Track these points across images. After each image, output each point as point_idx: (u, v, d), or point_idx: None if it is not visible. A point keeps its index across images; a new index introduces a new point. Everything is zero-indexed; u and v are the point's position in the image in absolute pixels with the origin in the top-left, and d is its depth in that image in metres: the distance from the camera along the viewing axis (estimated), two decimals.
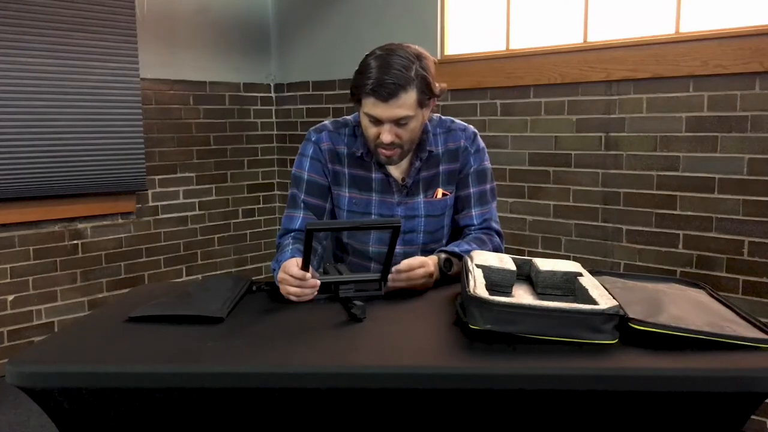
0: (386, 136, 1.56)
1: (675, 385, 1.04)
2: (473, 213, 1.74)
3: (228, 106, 4.00)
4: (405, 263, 1.49)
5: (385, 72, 1.50)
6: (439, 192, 1.72)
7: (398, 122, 1.55)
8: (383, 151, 1.61)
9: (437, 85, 1.59)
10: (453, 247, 1.63)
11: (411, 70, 1.52)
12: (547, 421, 1.10)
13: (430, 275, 1.51)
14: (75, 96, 3.23)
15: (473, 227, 1.74)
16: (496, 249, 1.70)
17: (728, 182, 2.50)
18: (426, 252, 1.70)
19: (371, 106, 1.54)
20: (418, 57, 1.55)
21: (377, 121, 1.56)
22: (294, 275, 1.40)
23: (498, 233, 1.75)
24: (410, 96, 1.52)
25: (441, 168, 1.72)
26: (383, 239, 1.69)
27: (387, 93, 1.50)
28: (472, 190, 1.74)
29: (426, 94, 1.56)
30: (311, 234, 1.32)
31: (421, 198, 1.71)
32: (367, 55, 1.58)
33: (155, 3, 3.59)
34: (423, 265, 1.50)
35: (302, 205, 1.71)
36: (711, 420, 1.10)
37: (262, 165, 4.20)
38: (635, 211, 2.76)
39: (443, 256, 1.60)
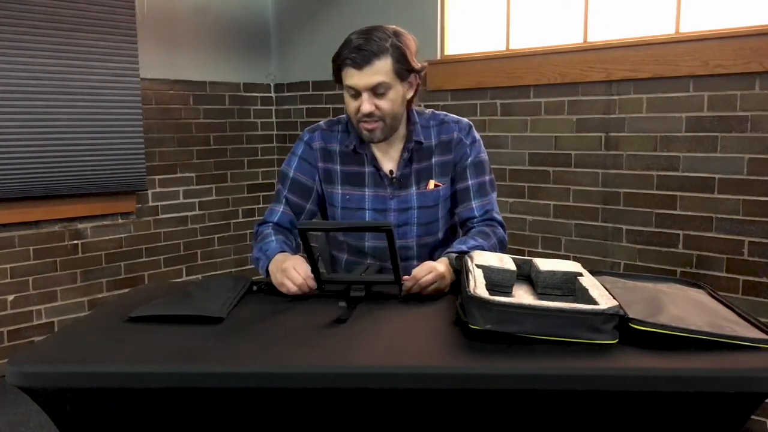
0: (365, 106, 1.58)
1: (675, 385, 1.04)
2: (474, 205, 1.73)
3: (228, 106, 4.00)
4: (413, 274, 1.47)
5: (361, 44, 1.57)
6: (431, 183, 1.72)
7: (375, 91, 1.58)
8: (364, 125, 1.62)
9: (417, 62, 1.63)
10: (460, 246, 1.61)
11: (386, 41, 1.57)
12: (547, 421, 1.10)
13: (442, 277, 1.49)
14: (75, 96, 3.23)
15: (475, 219, 1.73)
16: (501, 240, 1.69)
17: (728, 182, 2.50)
18: (421, 246, 1.71)
19: (349, 77, 1.59)
20: (396, 33, 1.61)
21: (356, 94, 1.60)
22: (304, 275, 1.43)
23: (501, 224, 1.73)
24: (385, 64, 1.57)
25: (434, 160, 1.72)
26: (378, 234, 1.70)
27: (361, 60, 1.55)
28: (470, 182, 1.73)
29: (402, 64, 1.59)
30: (305, 234, 1.33)
31: (413, 190, 1.71)
32: (350, 33, 1.63)
33: (155, 3, 3.59)
34: (431, 270, 1.48)
35: (284, 200, 1.74)
36: (711, 420, 1.10)
37: (262, 165, 4.21)
38: (635, 211, 2.76)
39: (453, 255, 1.57)
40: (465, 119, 1.78)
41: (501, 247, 1.67)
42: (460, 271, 1.56)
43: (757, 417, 2.52)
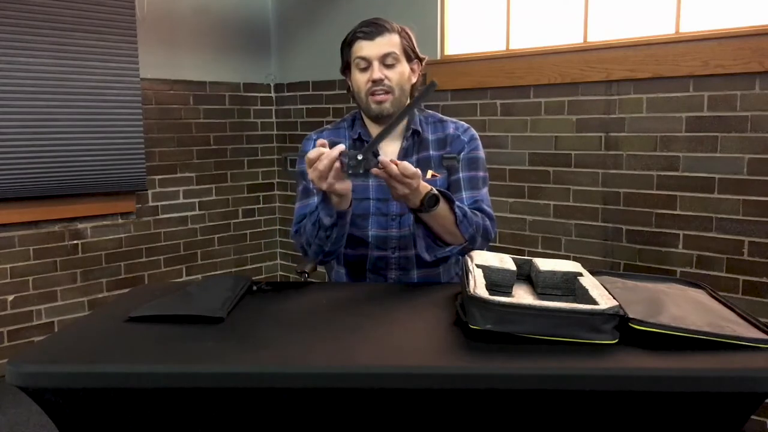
0: (376, 73, 1.64)
1: (675, 385, 1.04)
2: (463, 196, 1.72)
3: (228, 106, 4.00)
4: (401, 165, 1.43)
5: (372, 21, 1.68)
6: (429, 173, 1.74)
7: (385, 62, 1.65)
8: (375, 97, 1.66)
9: (420, 54, 1.73)
10: (448, 193, 1.59)
11: (393, 24, 1.70)
12: (547, 421, 1.10)
13: (411, 187, 1.45)
14: (75, 96, 3.23)
15: None
16: (485, 229, 1.66)
17: (728, 182, 2.50)
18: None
19: (359, 50, 1.66)
20: (400, 25, 1.72)
21: (366, 67, 1.66)
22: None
23: (489, 217, 1.70)
24: (394, 38, 1.67)
25: (431, 152, 1.75)
26: (381, 223, 1.71)
27: (372, 32, 1.65)
28: (461, 175, 1.73)
29: (409, 45, 1.69)
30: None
31: None
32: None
33: (155, 3, 3.59)
34: (414, 176, 1.44)
35: (315, 190, 1.68)
36: (711, 420, 1.09)
37: (262, 165, 4.21)
38: (635, 211, 2.76)
39: (434, 191, 1.52)
40: (463, 122, 1.81)
41: (484, 236, 1.65)
42: (426, 206, 1.50)
43: (757, 417, 2.52)
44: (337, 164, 1.41)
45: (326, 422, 1.12)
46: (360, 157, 1.38)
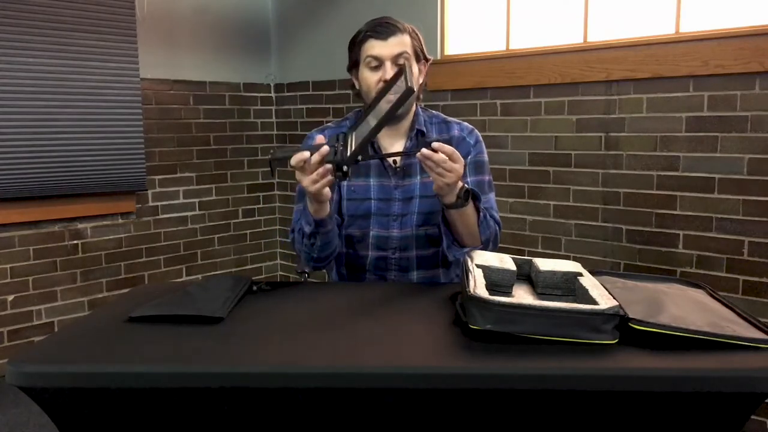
0: (388, 74, 1.62)
1: (675, 385, 1.04)
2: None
3: (228, 106, 4.00)
4: (448, 149, 1.44)
5: (383, 21, 1.67)
6: None
7: (396, 62, 1.64)
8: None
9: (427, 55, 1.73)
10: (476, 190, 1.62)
11: (404, 24, 1.69)
12: (546, 421, 1.10)
13: (458, 175, 1.47)
14: (75, 96, 3.23)
15: None
16: (494, 235, 1.68)
17: (728, 182, 2.50)
18: (419, 237, 1.71)
19: (371, 48, 1.65)
20: (411, 26, 1.71)
21: (377, 66, 1.64)
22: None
23: (497, 223, 1.71)
24: (406, 38, 1.66)
25: None
26: (383, 223, 1.71)
27: (385, 31, 1.64)
28: (468, 179, 1.73)
29: (419, 45, 1.68)
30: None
31: (417, 180, 1.72)
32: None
33: (155, 3, 3.59)
34: (460, 161, 1.46)
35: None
36: (711, 420, 1.10)
37: (263, 165, 4.21)
38: (635, 211, 2.76)
39: (466, 186, 1.55)
40: (468, 123, 1.80)
41: (494, 243, 1.66)
42: (460, 199, 1.52)
43: (757, 417, 2.52)
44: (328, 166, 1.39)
45: (326, 422, 1.12)
46: (345, 169, 1.37)
